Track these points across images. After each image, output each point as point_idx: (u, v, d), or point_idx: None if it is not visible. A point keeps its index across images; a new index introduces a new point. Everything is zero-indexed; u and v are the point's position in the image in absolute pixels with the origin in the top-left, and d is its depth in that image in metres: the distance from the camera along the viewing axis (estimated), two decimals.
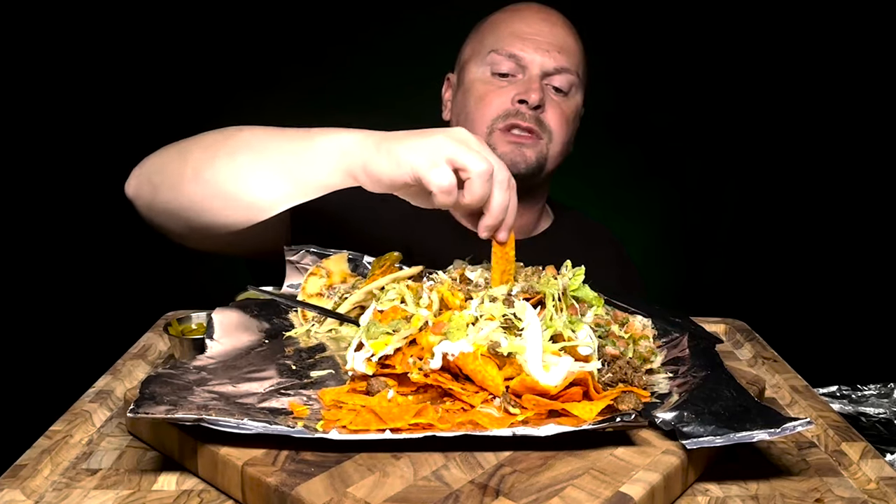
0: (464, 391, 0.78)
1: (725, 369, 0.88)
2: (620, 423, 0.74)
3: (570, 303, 0.90)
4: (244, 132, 1.08)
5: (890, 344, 2.22)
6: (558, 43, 1.37)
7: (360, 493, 0.66)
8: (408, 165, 0.91)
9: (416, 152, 0.91)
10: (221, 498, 0.72)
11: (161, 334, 1.13)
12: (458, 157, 0.90)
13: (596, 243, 1.55)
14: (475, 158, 0.90)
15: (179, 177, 1.08)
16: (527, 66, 1.35)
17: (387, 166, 0.93)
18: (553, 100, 1.36)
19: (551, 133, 1.35)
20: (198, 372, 0.84)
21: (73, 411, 0.88)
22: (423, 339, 0.82)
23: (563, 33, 1.39)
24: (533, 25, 1.37)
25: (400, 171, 0.92)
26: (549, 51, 1.35)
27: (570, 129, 1.40)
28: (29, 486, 0.73)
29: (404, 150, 0.92)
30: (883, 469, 0.80)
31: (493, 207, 0.92)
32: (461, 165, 0.90)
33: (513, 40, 1.36)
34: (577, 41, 1.41)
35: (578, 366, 0.80)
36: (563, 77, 1.36)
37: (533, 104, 1.32)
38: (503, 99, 1.34)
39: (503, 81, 1.36)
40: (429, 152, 0.91)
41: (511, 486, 0.68)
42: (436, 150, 0.91)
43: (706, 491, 0.75)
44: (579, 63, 1.40)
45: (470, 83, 1.39)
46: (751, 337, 1.21)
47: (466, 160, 0.89)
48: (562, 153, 1.40)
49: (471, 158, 0.89)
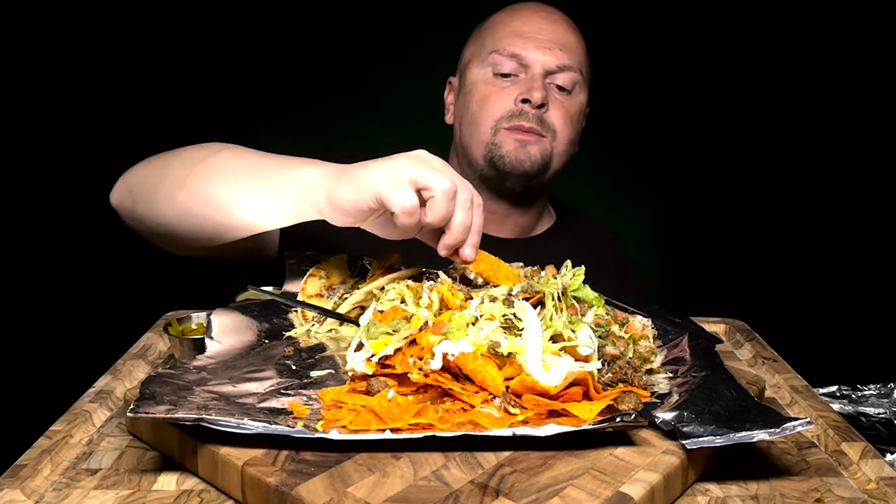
0: (464, 391, 0.78)
1: (725, 369, 0.88)
2: (620, 423, 0.74)
3: (570, 303, 0.90)
4: (222, 154, 1.08)
5: (890, 344, 2.23)
6: (560, 41, 1.35)
7: (360, 493, 0.66)
8: (369, 189, 0.90)
9: (377, 175, 0.90)
10: (221, 498, 0.72)
11: (161, 334, 1.13)
12: (420, 176, 0.89)
13: (596, 244, 1.54)
14: (437, 177, 0.89)
15: (155, 193, 1.09)
16: (529, 66, 1.34)
17: (349, 193, 0.92)
18: (556, 98, 1.35)
19: (555, 132, 1.34)
20: (198, 372, 0.84)
21: (73, 411, 0.88)
22: (423, 339, 0.82)
23: (565, 31, 1.37)
24: (533, 24, 1.36)
25: (361, 195, 0.91)
26: (551, 49, 1.34)
27: (575, 127, 1.39)
28: (29, 486, 0.73)
29: (365, 175, 0.91)
30: (883, 469, 0.80)
31: (453, 225, 0.91)
32: (423, 184, 0.89)
33: (513, 40, 1.35)
34: (580, 39, 1.40)
35: (578, 366, 0.80)
36: (566, 75, 1.35)
37: (536, 103, 1.30)
38: (506, 99, 1.33)
39: (505, 82, 1.35)
40: (390, 174, 0.90)
41: (511, 486, 0.68)
42: (397, 171, 0.90)
43: (706, 491, 0.75)
44: (582, 61, 1.39)
45: (472, 85, 1.38)
46: (751, 337, 1.21)
47: (428, 178, 0.89)
48: (567, 152, 1.38)
49: (433, 177, 0.89)
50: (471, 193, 0.92)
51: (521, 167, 1.32)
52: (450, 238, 0.92)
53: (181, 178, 1.06)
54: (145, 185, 1.12)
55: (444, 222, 0.91)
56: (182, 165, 1.08)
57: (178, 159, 1.11)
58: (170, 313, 1.18)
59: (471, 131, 1.36)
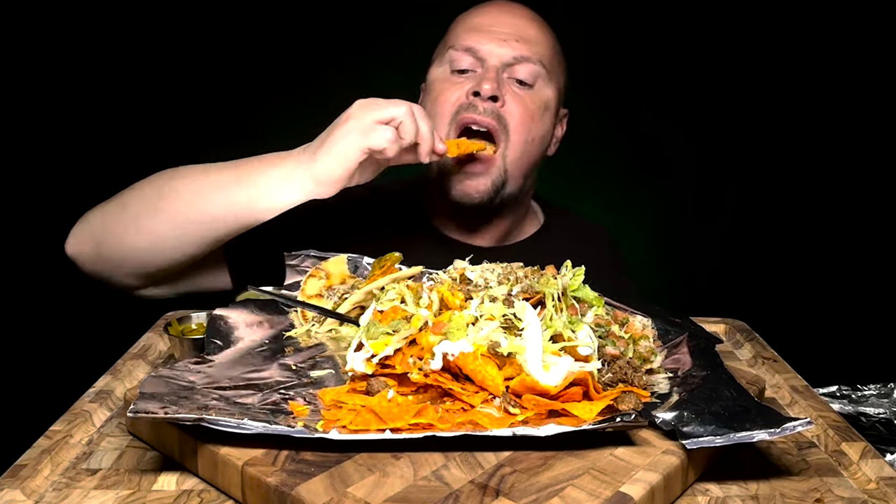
0: (464, 391, 0.79)
1: (725, 369, 0.88)
2: (620, 424, 0.74)
3: (570, 303, 0.90)
4: (177, 177, 1.15)
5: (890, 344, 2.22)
6: (518, 32, 1.30)
7: (360, 493, 0.66)
8: (353, 149, 1.05)
9: (349, 135, 1.05)
10: (221, 498, 0.72)
11: (161, 334, 1.13)
12: (381, 113, 1.05)
13: (588, 245, 1.48)
14: (393, 106, 1.06)
15: (123, 228, 1.16)
16: (484, 59, 1.28)
17: (334, 163, 1.07)
18: (516, 93, 1.27)
19: (509, 132, 1.26)
20: (198, 372, 0.84)
21: (73, 411, 0.88)
22: (423, 339, 0.82)
23: (525, 23, 1.32)
24: (491, 18, 1.32)
25: (348, 156, 1.05)
26: (507, 40, 1.28)
27: (537, 125, 1.30)
28: (29, 486, 0.73)
29: (338, 141, 1.06)
30: (883, 469, 0.80)
31: (423, 135, 1.09)
32: (387, 118, 1.05)
33: (469, 34, 1.30)
34: (544, 32, 1.34)
35: (578, 366, 0.80)
36: (525, 67, 1.28)
37: (486, 95, 1.24)
38: (459, 93, 1.27)
39: (461, 77, 1.29)
40: (358, 126, 1.05)
41: (511, 486, 0.68)
42: (362, 121, 1.05)
43: (706, 491, 0.75)
44: (546, 54, 1.31)
45: (431, 84, 1.33)
46: (751, 337, 1.21)
47: (388, 112, 1.05)
48: (526, 154, 1.30)
49: (390, 109, 1.06)
50: (413, 106, 1.08)
51: (469, 200, 1.28)
52: (425, 145, 1.10)
53: (144, 207, 1.14)
54: (108, 226, 1.18)
55: (417, 136, 1.08)
56: (142, 198, 1.16)
57: (134, 195, 1.18)
58: (170, 313, 1.18)
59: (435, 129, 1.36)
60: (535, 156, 1.33)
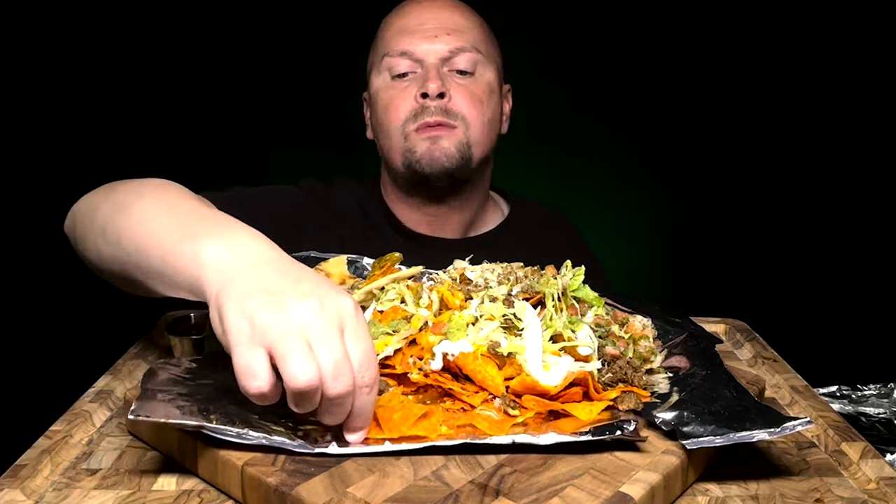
0: (464, 391, 0.79)
1: (725, 369, 0.88)
2: (619, 436, 0.74)
3: (570, 303, 0.90)
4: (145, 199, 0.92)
5: (890, 344, 2.22)
6: (445, 25, 1.32)
7: (360, 493, 0.66)
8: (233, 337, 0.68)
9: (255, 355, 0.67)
10: (221, 498, 0.72)
11: (161, 334, 1.13)
12: (278, 358, 0.67)
13: (555, 230, 1.50)
14: (296, 365, 0.66)
15: (89, 230, 1.00)
16: (422, 59, 1.30)
17: (216, 321, 0.72)
18: (458, 84, 1.30)
19: (465, 118, 1.29)
20: (198, 372, 0.84)
21: (73, 411, 0.88)
22: (423, 340, 0.82)
23: (450, 14, 1.34)
24: (415, 17, 1.33)
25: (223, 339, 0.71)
26: (438, 35, 1.30)
27: (487, 108, 1.33)
28: (29, 486, 0.73)
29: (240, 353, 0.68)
30: (883, 469, 0.80)
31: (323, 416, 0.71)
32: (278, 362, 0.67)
33: (401, 38, 1.32)
34: (470, 17, 1.36)
35: (578, 366, 0.80)
36: (462, 57, 1.31)
37: (434, 94, 1.26)
38: (407, 100, 1.29)
39: (404, 82, 1.31)
40: (253, 339, 0.67)
41: (511, 486, 0.68)
42: (258, 341, 0.67)
43: (706, 491, 0.75)
44: (478, 38, 1.34)
45: (375, 94, 1.35)
46: (751, 337, 1.21)
47: (285, 365, 0.66)
48: (486, 135, 1.33)
49: (290, 364, 0.66)
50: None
51: (437, 165, 1.28)
52: None
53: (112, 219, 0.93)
54: (81, 222, 1.04)
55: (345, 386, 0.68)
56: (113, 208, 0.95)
57: (107, 201, 0.99)
58: (170, 313, 1.18)
59: (387, 142, 1.34)
60: (492, 135, 1.37)
